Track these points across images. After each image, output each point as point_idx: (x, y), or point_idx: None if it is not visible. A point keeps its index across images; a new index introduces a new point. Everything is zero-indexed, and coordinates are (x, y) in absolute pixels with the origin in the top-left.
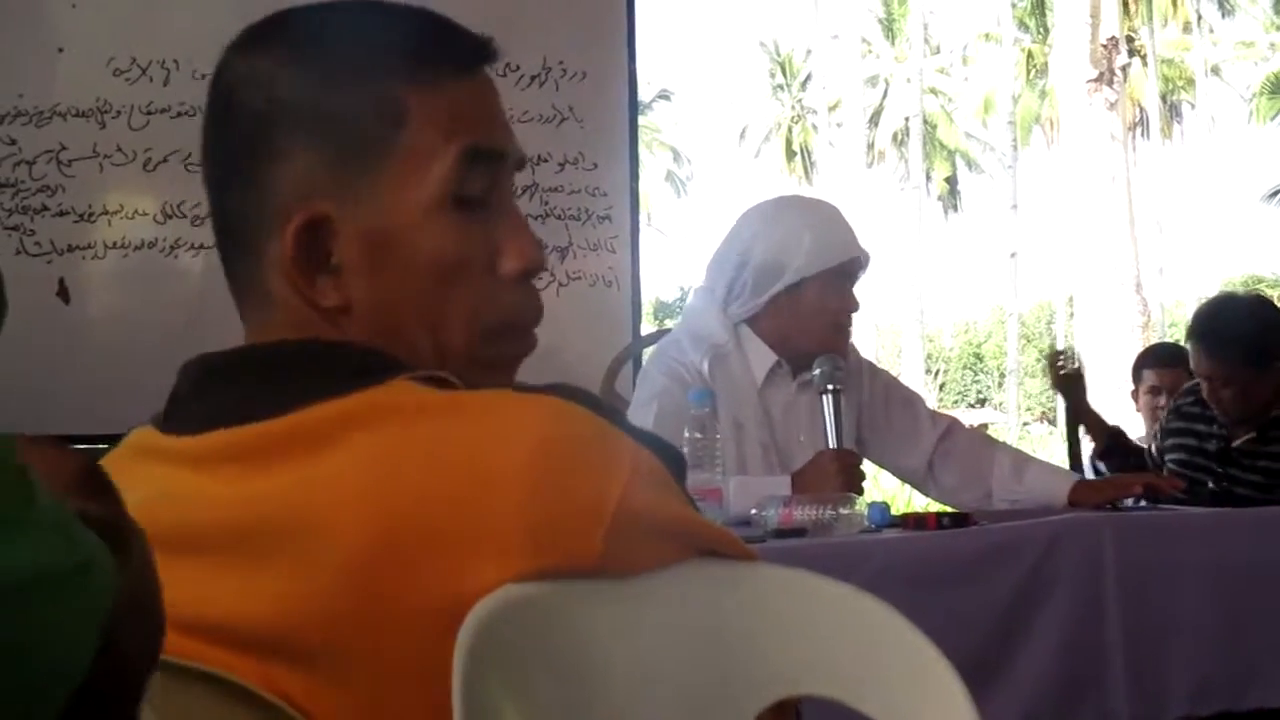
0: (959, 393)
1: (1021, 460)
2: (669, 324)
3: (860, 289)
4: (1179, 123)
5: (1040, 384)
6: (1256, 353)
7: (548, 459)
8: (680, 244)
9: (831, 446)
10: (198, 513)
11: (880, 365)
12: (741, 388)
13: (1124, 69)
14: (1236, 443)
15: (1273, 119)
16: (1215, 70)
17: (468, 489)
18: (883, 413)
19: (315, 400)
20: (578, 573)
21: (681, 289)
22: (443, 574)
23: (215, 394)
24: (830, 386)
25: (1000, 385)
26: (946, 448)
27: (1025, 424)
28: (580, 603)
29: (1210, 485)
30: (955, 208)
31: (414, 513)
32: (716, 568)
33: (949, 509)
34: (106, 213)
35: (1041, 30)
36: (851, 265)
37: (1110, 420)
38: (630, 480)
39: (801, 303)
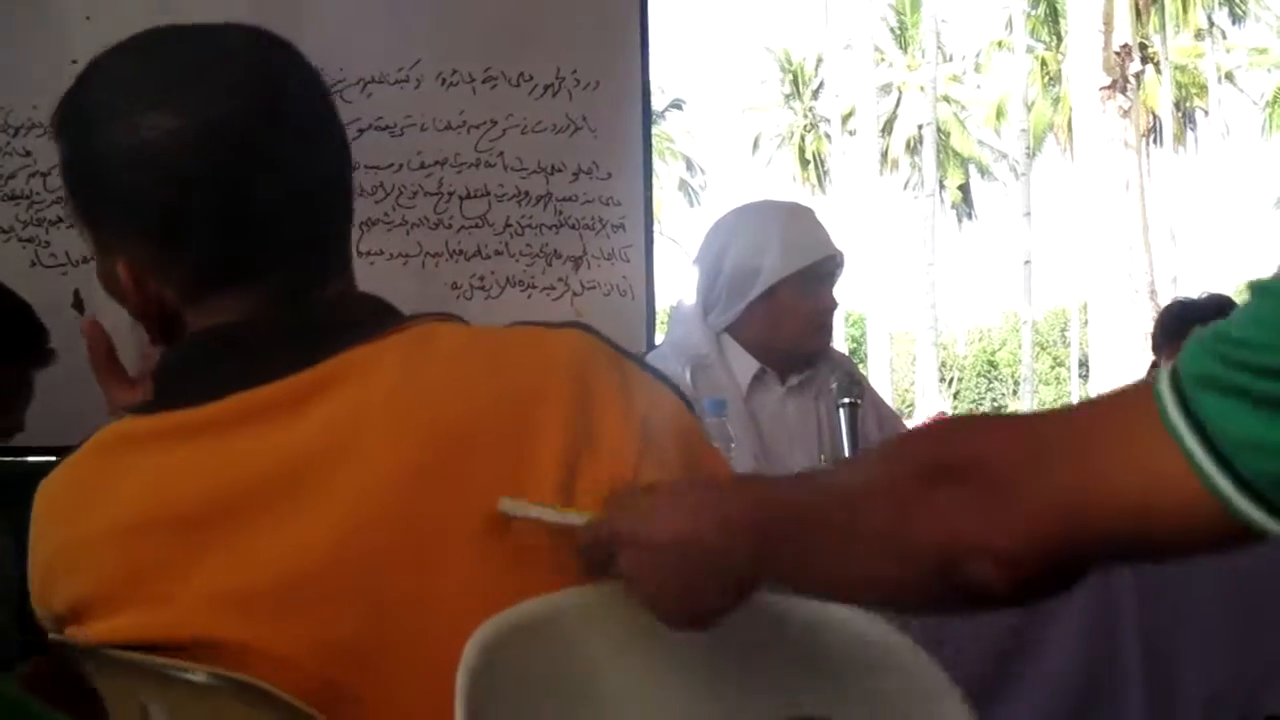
0: (973, 400)
1: None
2: None
3: (873, 297)
4: (1192, 130)
5: (1055, 391)
6: None
7: (584, 379)
8: (694, 253)
9: (848, 458)
10: (231, 470)
11: (894, 373)
12: (726, 397)
13: (1137, 76)
14: None
15: None
16: (1229, 76)
17: (511, 408)
18: (874, 440)
19: (349, 346)
20: (615, 484)
21: (680, 300)
22: (493, 487)
23: (231, 361)
24: (847, 400)
25: (1015, 393)
26: None
27: None
28: (581, 625)
29: None
30: (969, 215)
31: (463, 430)
32: None
33: None
34: None
35: (1054, 37)
36: (824, 265)
37: None
38: (654, 399)
39: (777, 307)
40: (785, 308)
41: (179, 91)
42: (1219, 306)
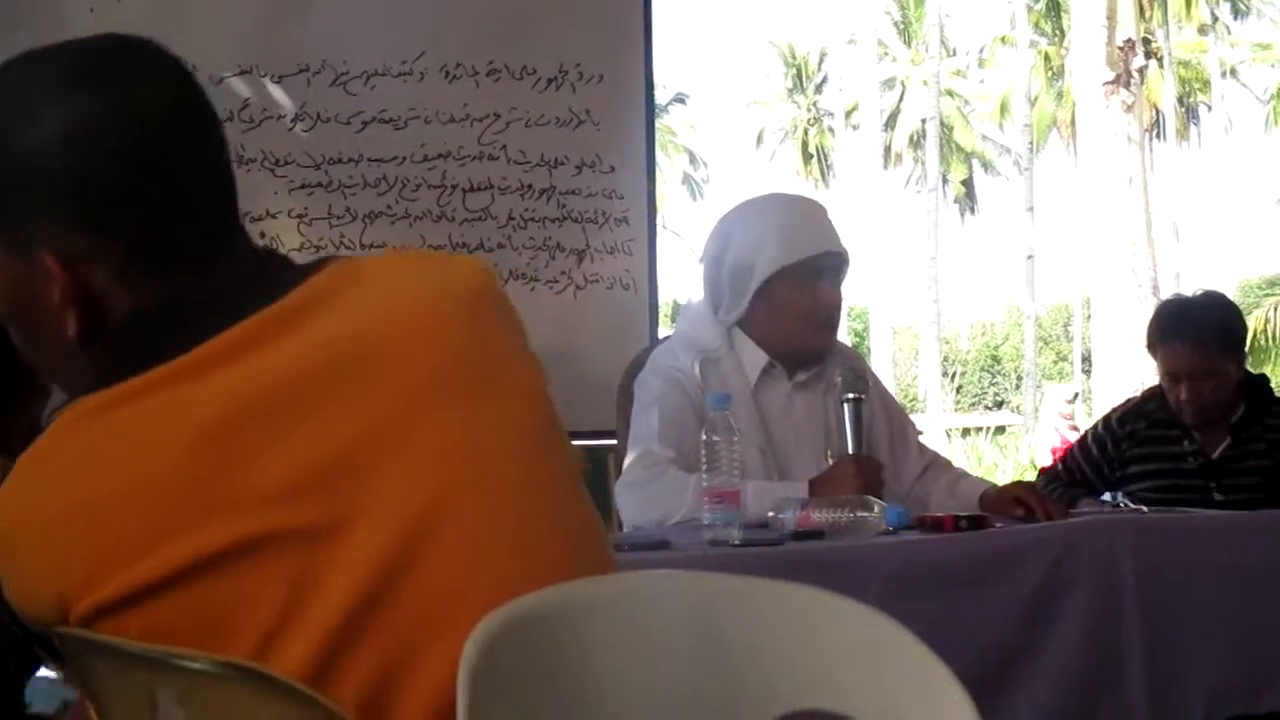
0: (976, 395)
1: (956, 479)
2: None
3: (876, 291)
4: (1195, 125)
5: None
6: (1232, 339)
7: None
8: (697, 247)
9: (851, 453)
10: (256, 380)
11: (897, 367)
12: (734, 390)
13: (1140, 71)
14: (1215, 454)
15: None
16: (1232, 72)
17: (471, 292)
18: (883, 438)
19: (301, 281)
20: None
21: (690, 296)
22: (508, 344)
23: (196, 314)
24: (851, 395)
25: (1018, 388)
26: (920, 484)
27: None
28: (582, 620)
29: (1219, 498)
30: (972, 210)
31: (468, 308)
32: (720, 583)
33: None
34: None
35: (1057, 32)
36: (822, 260)
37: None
38: None
39: (774, 302)
40: (783, 303)
41: (97, 80)
42: (1214, 304)
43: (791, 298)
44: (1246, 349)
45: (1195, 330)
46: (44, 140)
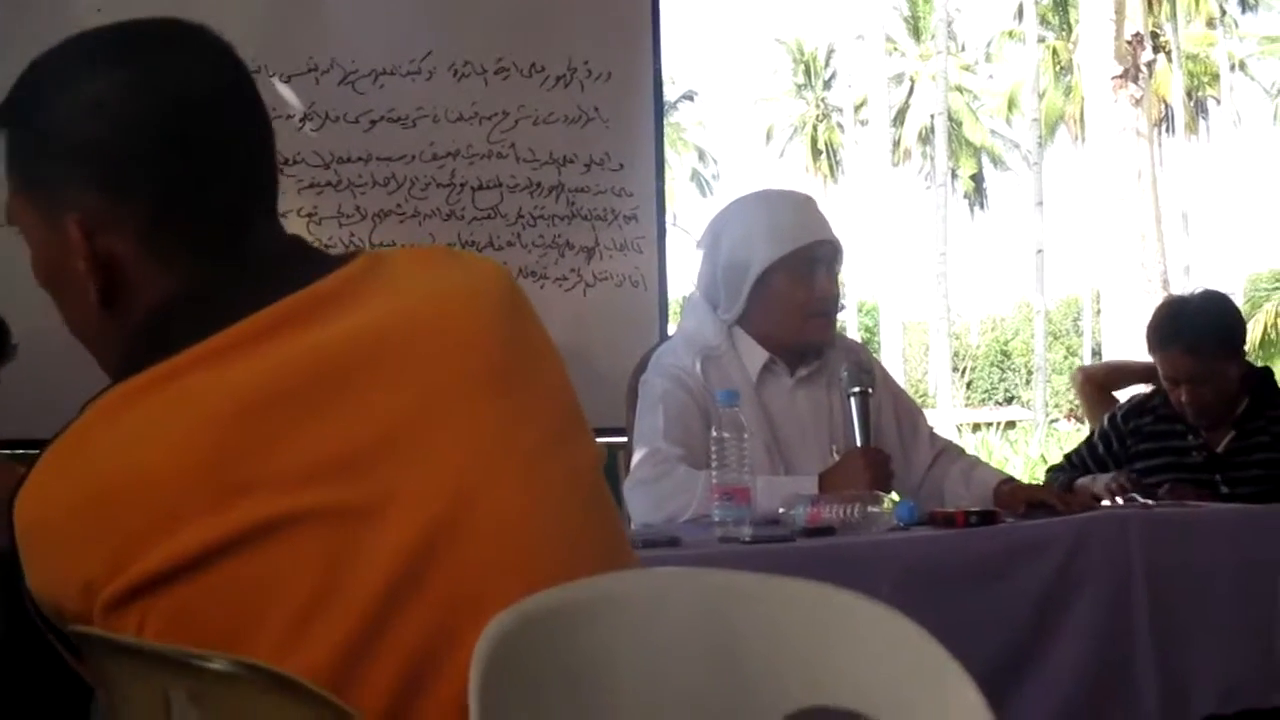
0: (986, 390)
1: (970, 466)
2: None
3: (886, 287)
4: (1204, 119)
5: (1068, 381)
6: (1229, 342)
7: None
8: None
9: (859, 446)
10: (286, 363)
11: (907, 363)
12: (736, 387)
13: (1149, 65)
14: (1220, 447)
15: None
16: (1240, 65)
17: (501, 291)
18: (892, 428)
19: (330, 271)
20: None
21: (693, 292)
22: (536, 343)
23: (227, 296)
24: (856, 389)
25: (1028, 382)
26: (933, 472)
27: (1053, 421)
28: (593, 618)
29: (1225, 490)
30: (981, 205)
31: (501, 307)
32: (731, 580)
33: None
34: None
35: (1065, 27)
36: (815, 250)
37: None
38: None
39: (771, 297)
40: (779, 297)
41: (135, 55)
42: (1210, 307)
43: (787, 291)
44: (1246, 345)
45: (1191, 336)
46: (74, 107)
